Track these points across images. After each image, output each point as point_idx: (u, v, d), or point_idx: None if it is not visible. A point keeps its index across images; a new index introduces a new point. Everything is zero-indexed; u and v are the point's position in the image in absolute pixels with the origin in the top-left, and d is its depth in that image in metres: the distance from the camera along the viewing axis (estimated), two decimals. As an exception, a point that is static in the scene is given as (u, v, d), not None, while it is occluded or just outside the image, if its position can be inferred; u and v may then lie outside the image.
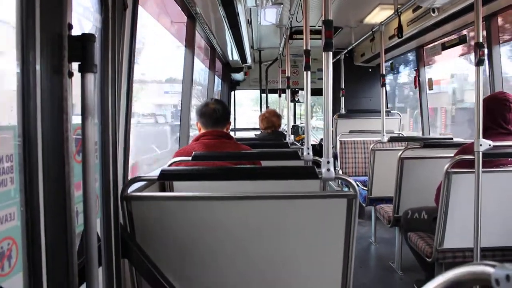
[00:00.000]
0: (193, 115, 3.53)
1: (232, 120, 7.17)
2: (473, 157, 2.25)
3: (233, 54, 5.43)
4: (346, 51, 6.18)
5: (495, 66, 3.61)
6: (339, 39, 5.76)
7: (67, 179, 1.06)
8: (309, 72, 2.30)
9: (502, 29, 3.59)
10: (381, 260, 3.88)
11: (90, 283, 1.18)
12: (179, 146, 3.50)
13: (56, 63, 1.03)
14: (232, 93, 7.52)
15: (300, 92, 7.25)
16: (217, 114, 2.45)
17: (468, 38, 4.01)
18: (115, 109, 1.38)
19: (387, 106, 6.12)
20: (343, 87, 6.44)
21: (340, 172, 5.23)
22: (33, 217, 0.96)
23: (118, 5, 1.40)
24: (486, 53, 3.54)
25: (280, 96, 5.93)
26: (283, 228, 1.61)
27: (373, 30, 4.63)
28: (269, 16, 4.51)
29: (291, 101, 6.97)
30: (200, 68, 5.28)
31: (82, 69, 1.09)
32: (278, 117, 4.57)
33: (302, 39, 2.43)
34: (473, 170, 2.25)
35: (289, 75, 4.21)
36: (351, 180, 1.59)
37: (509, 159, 2.52)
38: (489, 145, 2.22)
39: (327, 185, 2.19)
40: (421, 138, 4.03)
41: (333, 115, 5.83)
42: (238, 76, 7.13)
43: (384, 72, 4.34)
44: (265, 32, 5.68)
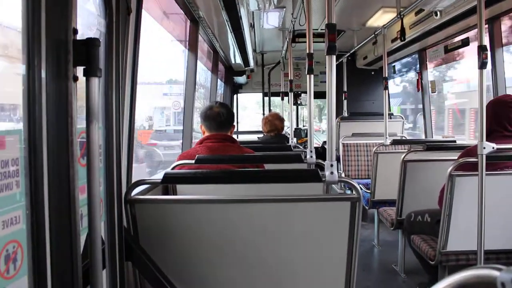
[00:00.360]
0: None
1: (235, 123, 7.19)
2: (477, 160, 2.24)
3: (236, 58, 5.44)
4: (349, 54, 6.18)
5: (498, 69, 3.60)
6: (342, 42, 5.76)
7: (72, 182, 1.07)
8: (312, 75, 2.30)
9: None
10: (384, 263, 3.88)
11: (94, 286, 1.19)
12: (182, 150, 3.51)
13: (61, 68, 1.03)
14: (235, 96, 7.53)
15: (303, 95, 7.25)
16: (222, 118, 2.45)
17: (471, 41, 4.01)
18: (119, 113, 1.39)
19: (390, 109, 6.11)
20: (346, 90, 6.44)
21: (343, 175, 5.23)
22: (38, 220, 0.96)
23: (122, 10, 1.41)
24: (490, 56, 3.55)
25: (283, 99, 5.94)
26: (287, 231, 1.61)
27: (376, 33, 4.64)
28: (272, 20, 4.52)
29: (294, 104, 6.97)
30: (201, 68, 5.24)
31: (87, 74, 1.09)
32: (281, 120, 4.57)
33: (305, 43, 2.43)
34: (477, 173, 2.24)
35: (292, 78, 4.21)
36: (355, 183, 1.59)
37: None
38: (493, 148, 2.22)
39: (330, 188, 2.19)
40: (424, 141, 4.03)
41: (336, 118, 5.83)
42: (241, 79, 7.14)
43: (387, 75, 4.34)
44: (268, 36, 5.69)
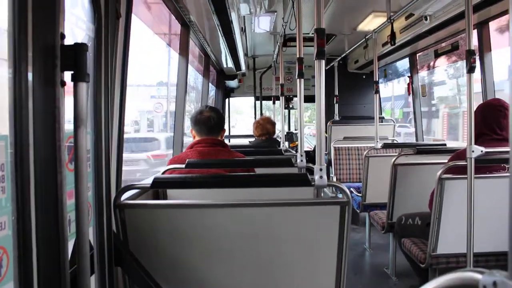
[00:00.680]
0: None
1: (227, 128, 7.18)
2: (466, 163, 2.26)
3: (227, 62, 5.45)
4: (340, 58, 6.21)
5: (487, 73, 3.64)
6: (333, 46, 5.79)
7: (59, 188, 1.06)
8: (303, 80, 2.31)
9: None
10: (376, 266, 3.89)
11: (83, 292, 1.18)
12: (173, 154, 3.50)
13: (49, 72, 1.03)
14: (227, 100, 7.52)
15: (295, 99, 7.26)
16: (212, 122, 2.44)
17: (461, 45, 4.05)
18: (108, 118, 1.38)
19: (380, 113, 6.14)
20: (337, 94, 6.47)
21: (335, 179, 5.24)
22: (25, 226, 0.96)
23: (111, 14, 1.41)
24: (478, 60, 3.59)
25: (274, 103, 5.94)
26: (277, 235, 1.61)
27: (367, 38, 4.66)
28: (263, 24, 4.53)
29: (285, 108, 6.98)
30: (191, 69, 5.19)
31: (75, 79, 1.09)
32: (272, 124, 4.58)
33: (296, 47, 2.44)
34: (466, 176, 2.26)
35: (283, 82, 4.22)
36: (344, 187, 1.60)
37: (502, 165, 2.53)
38: (481, 151, 2.24)
39: (321, 192, 2.19)
40: (415, 144, 4.05)
41: (327, 122, 5.85)
42: (233, 83, 7.14)
43: (378, 79, 4.36)
44: (259, 40, 5.70)
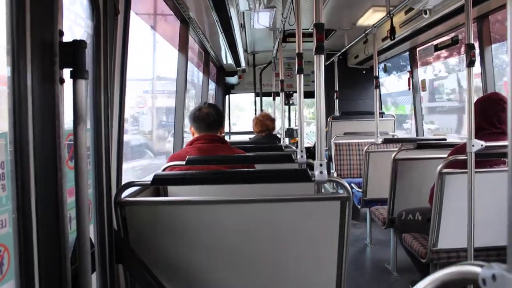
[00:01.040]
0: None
1: (227, 124, 7.18)
2: (466, 158, 2.26)
3: (227, 58, 5.44)
4: (340, 53, 6.20)
5: (487, 67, 3.63)
6: (333, 42, 5.77)
7: (60, 185, 1.06)
8: (302, 75, 2.30)
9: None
10: (377, 262, 3.89)
11: (84, 289, 1.18)
12: (174, 151, 3.50)
13: (48, 70, 1.03)
14: (227, 97, 7.52)
15: (295, 95, 7.25)
16: (211, 119, 2.44)
17: (461, 39, 4.04)
18: (108, 115, 1.38)
19: (381, 108, 6.14)
20: (337, 89, 6.46)
21: (335, 174, 5.25)
22: (25, 224, 0.96)
23: (110, 11, 1.41)
24: (478, 54, 3.58)
25: (274, 99, 5.94)
26: (277, 231, 1.61)
27: (366, 32, 4.65)
28: (262, 20, 4.52)
29: (285, 104, 6.97)
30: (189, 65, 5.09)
31: (74, 76, 1.09)
32: (272, 121, 4.58)
33: (295, 42, 2.43)
34: (466, 171, 2.26)
35: (283, 78, 4.21)
36: (344, 182, 1.60)
37: (502, 159, 2.53)
38: (481, 146, 2.24)
39: (322, 188, 2.20)
40: (415, 139, 4.05)
41: (327, 118, 5.85)
42: (232, 80, 7.13)
43: (378, 74, 4.36)
44: (259, 36, 5.69)
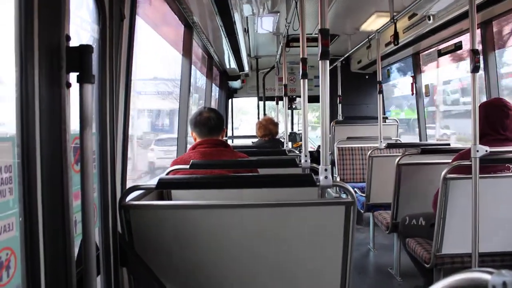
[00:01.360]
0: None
1: (229, 128, 7.19)
2: (470, 163, 2.25)
3: (230, 62, 5.45)
4: (343, 58, 6.20)
5: (491, 73, 3.63)
6: (336, 47, 5.78)
7: (66, 189, 1.07)
8: (306, 80, 2.30)
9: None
10: (380, 266, 3.88)
11: (89, 292, 1.18)
12: (177, 155, 3.50)
13: (54, 74, 1.03)
14: (230, 101, 7.53)
15: (298, 99, 7.25)
16: (212, 123, 2.44)
17: (464, 45, 4.04)
18: (113, 119, 1.38)
19: (384, 113, 6.13)
20: (340, 94, 6.46)
21: (338, 179, 5.24)
22: (32, 227, 0.96)
23: (116, 16, 1.41)
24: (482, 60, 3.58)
25: (278, 104, 5.94)
26: (282, 236, 1.61)
27: (370, 38, 4.66)
28: (266, 24, 4.53)
29: (288, 109, 6.98)
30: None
31: (80, 80, 1.09)
32: (275, 125, 4.58)
33: (299, 47, 2.44)
34: (471, 176, 2.25)
35: (286, 83, 4.22)
36: (349, 187, 1.60)
37: (506, 165, 2.52)
38: (486, 151, 2.23)
39: (325, 192, 2.19)
40: (419, 144, 4.04)
41: (331, 122, 5.85)
42: (236, 84, 7.15)
43: (381, 79, 4.36)
44: (262, 40, 5.70)
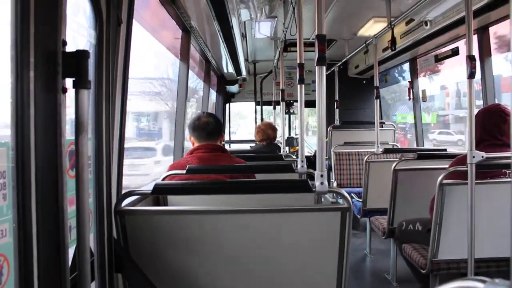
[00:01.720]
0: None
1: (227, 133, 7.19)
2: (466, 169, 2.26)
3: (228, 67, 5.45)
4: (340, 63, 6.21)
5: (488, 78, 3.64)
6: (333, 52, 5.79)
7: (60, 195, 1.06)
8: (303, 85, 2.31)
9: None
10: (376, 272, 3.88)
11: (83, 299, 1.18)
12: (174, 160, 3.50)
13: (50, 79, 1.03)
14: (227, 105, 7.53)
15: (295, 104, 7.25)
16: (210, 128, 2.45)
17: (461, 50, 4.05)
18: (109, 124, 1.38)
19: (381, 118, 6.14)
20: (338, 99, 6.46)
21: (335, 184, 5.23)
22: (26, 233, 0.96)
23: (113, 21, 1.41)
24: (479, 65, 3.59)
25: (275, 108, 5.95)
26: (277, 241, 1.60)
27: (367, 43, 4.66)
28: (264, 29, 4.54)
29: (286, 113, 6.98)
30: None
31: (77, 85, 1.09)
32: (274, 130, 4.59)
33: (297, 52, 2.44)
34: (467, 182, 2.26)
35: (284, 88, 4.22)
36: (345, 193, 1.59)
37: (503, 171, 2.53)
38: (482, 157, 2.23)
39: (322, 197, 2.19)
40: (415, 150, 4.05)
41: (328, 127, 5.85)
42: (233, 89, 7.15)
43: (378, 84, 4.36)
44: (260, 45, 5.71)
